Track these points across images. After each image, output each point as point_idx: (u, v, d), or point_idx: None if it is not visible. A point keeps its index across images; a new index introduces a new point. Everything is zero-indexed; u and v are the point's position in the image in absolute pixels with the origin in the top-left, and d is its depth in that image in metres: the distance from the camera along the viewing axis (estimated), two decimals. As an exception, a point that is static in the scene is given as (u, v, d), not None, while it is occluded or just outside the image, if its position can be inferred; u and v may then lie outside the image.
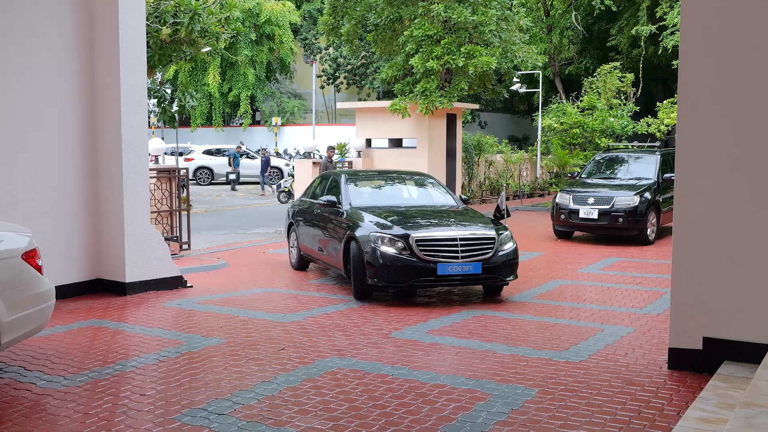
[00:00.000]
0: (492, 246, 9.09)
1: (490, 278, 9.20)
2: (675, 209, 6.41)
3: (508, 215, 10.28)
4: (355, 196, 10.46)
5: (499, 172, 25.76)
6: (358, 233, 9.28)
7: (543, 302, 9.30)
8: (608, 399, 5.61)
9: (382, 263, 8.93)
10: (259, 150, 38.66)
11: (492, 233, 9.18)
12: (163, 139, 24.01)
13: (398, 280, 8.96)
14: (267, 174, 31.92)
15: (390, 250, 8.92)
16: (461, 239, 9.01)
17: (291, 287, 10.29)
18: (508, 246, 9.36)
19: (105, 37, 9.45)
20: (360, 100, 45.40)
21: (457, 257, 8.90)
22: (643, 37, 31.98)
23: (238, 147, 35.23)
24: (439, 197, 10.88)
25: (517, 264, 9.48)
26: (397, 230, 9.11)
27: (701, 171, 6.17)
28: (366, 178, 11.74)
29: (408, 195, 11.05)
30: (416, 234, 8.96)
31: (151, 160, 15.75)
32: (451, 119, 22.32)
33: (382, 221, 9.40)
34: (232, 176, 33.32)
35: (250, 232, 17.65)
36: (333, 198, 10.41)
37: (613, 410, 5.36)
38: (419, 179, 11.63)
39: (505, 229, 9.54)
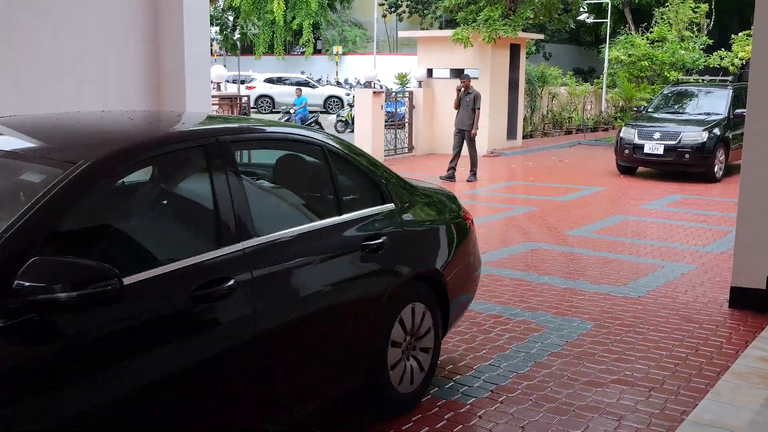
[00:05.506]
0: None
1: None
2: (744, 146, 6.21)
3: None
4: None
5: (562, 105, 25.25)
6: None
7: (602, 237, 9.18)
8: (665, 335, 5.56)
9: None
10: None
11: None
12: (225, 66, 24.09)
13: None
14: None
15: None
16: None
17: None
18: None
19: (168, -38, 9.42)
20: (422, 29, 44.69)
21: None
22: (719, -34, 30.62)
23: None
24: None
25: None
26: None
27: (775, 105, 5.94)
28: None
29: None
30: None
31: (214, 87, 15.85)
32: (514, 50, 21.83)
33: None
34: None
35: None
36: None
37: (669, 346, 5.32)
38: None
39: None
